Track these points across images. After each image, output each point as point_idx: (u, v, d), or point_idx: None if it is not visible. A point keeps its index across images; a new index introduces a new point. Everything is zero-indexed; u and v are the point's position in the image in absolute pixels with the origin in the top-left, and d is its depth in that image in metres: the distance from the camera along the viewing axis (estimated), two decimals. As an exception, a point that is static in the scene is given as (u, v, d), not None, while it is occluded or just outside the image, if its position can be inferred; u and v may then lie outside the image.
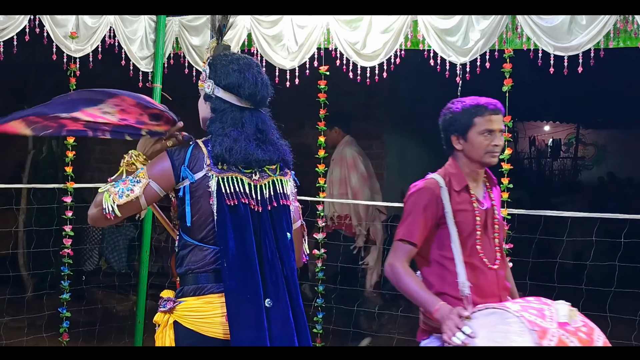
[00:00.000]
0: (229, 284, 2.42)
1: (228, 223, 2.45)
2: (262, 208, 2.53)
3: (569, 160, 15.37)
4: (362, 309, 6.43)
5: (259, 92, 2.64)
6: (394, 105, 7.39)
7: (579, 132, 14.99)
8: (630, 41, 3.83)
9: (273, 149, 2.61)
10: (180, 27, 4.98)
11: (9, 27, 4.10)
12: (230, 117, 2.59)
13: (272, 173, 2.61)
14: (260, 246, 2.49)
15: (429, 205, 2.88)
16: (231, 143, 2.52)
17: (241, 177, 2.52)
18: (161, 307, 2.55)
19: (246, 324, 2.42)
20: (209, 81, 2.65)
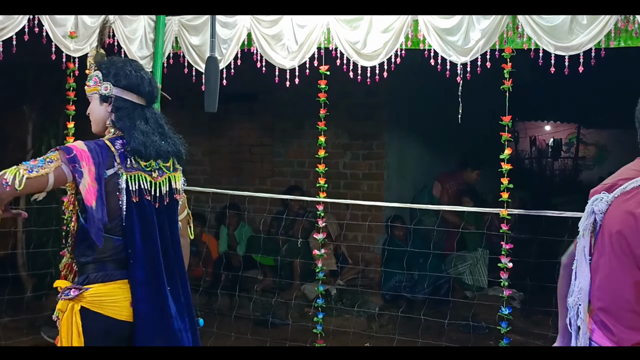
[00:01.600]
0: (137, 275, 2.67)
1: (135, 218, 2.68)
2: (159, 204, 2.77)
3: (570, 160, 15.35)
4: (362, 309, 6.44)
5: (154, 91, 2.84)
6: (394, 105, 7.37)
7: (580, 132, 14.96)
8: (631, 41, 3.83)
9: (172, 142, 2.83)
10: (180, 26, 4.97)
11: (8, 26, 4.09)
12: (135, 113, 2.76)
13: (168, 170, 2.84)
14: (159, 238, 2.74)
15: None
16: (144, 138, 2.72)
17: (145, 175, 2.74)
18: (64, 295, 2.69)
19: (152, 312, 2.68)
20: (105, 83, 2.78)
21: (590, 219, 2.20)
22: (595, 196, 2.22)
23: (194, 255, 7.25)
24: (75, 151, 2.61)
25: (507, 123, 4.25)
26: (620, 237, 2.09)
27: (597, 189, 2.26)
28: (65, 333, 2.66)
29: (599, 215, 2.18)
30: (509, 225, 4.29)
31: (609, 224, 2.14)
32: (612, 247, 2.12)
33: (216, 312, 6.39)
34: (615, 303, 2.12)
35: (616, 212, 2.12)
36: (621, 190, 2.13)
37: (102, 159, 2.65)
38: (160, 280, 2.71)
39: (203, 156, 8.36)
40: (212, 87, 4.30)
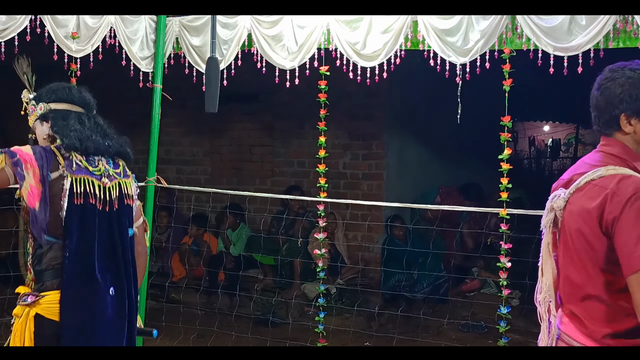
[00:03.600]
0: (67, 272, 2.69)
1: (75, 221, 2.71)
2: (109, 208, 2.82)
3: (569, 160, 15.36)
4: (362, 309, 6.45)
5: (86, 97, 2.94)
6: (394, 105, 7.40)
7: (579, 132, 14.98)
8: (630, 41, 3.84)
9: (115, 142, 2.90)
10: (181, 27, 4.98)
11: (10, 27, 4.10)
12: (70, 117, 2.85)
13: (118, 176, 2.90)
14: (105, 241, 2.78)
15: None
16: (79, 134, 2.79)
17: (92, 179, 2.79)
18: (22, 301, 2.75)
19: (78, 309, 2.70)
20: (39, 105, 2.90)
21: (551, 216, 2.22)
22: (554, 193, 2.24)
23: (194, 254, 7.29)
24: (18, 155, 2.66)
25: (506, 123, 4.27)
26: (579, 235, 2.11)
27: (556, 185, 2.28)
28: (19, 337, 2.71)
29: (558, 212, 2.19)
30: (508, 225, 4.31)
31: (568, 221, 2.16)
32: (574, 245, 2.14)
33: (217, 311, 6.41)
34: (583, 297, 2.14)
35: (573, 210, 2.14)
36: (575, 186, 2.14)
37: (46, 161, 2.70)
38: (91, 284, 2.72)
39: (203, 156, 8.38)
40: (213, 88, 4.32)
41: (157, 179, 5.08)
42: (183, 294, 6.67)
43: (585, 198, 2.09)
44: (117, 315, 2.80)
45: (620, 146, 2.15)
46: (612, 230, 2.00)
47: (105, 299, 2.76)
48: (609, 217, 2.01)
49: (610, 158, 2.14)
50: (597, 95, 2.21)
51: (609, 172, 2.07)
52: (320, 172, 4.89)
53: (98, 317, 2.74)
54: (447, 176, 8.21)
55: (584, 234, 2.09)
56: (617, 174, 2.06)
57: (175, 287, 6.95)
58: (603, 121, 2.19)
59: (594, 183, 2.09)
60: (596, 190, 2.07)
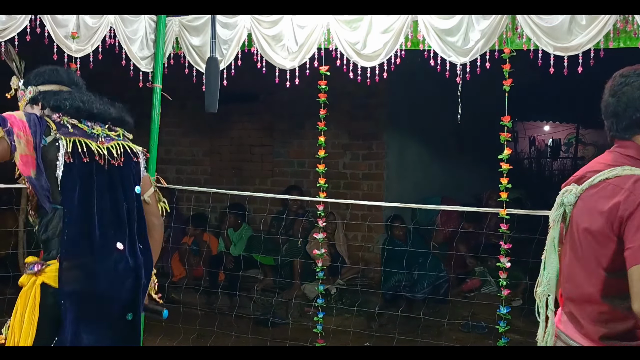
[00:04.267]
0: (66, 235, 2.68)
1: (71, 181, 2.71)
2: (109, 166, 2.82)
3: (569, 160, 15.37)
4: (362, 309, 6.45)
5: (74, 77, 2.99)
6: (394, 105, 7.40)
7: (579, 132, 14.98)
8: (630, 41, 3.84)
9: (111, 107, 2.94)
10: (181, 27, 4.98)
11: (10, 27, 4.10)
12: (61, 92, 2.86)
13: (118, 138, 2.92)
14: (107, 199, 2.78)
15: None
16: (71, 101, 2.81)
17: (88, 141, 2.80)
18: (28, 270, 2.76)
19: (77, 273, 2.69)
20: (28, 88, 2.91)
21: (560, 210, 2.21)
22: (565, 188, 2.23)
23: (194, 254, 7.29)
24: (10, 123, 2.66)
25: (506, 123, 4.27)
26: (586, 232, 2.10)
27: (568, 181, 2.28)
28: (22, 305, 2.74)
29: (568, 207, 2.19)
30: (508, 225, 4.31)
31: (577, 218, 2.15)
32: (581, 242, 2.13)
33: (216, 311, 6.41)
34: (581, 296, 2.13)
35: (584, 207, 2.13)
36: (589, 183, 2.13)
37: (39, 127, 2.71)
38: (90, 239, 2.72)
39: (203, 156, 8.38)
40: (213, 88, 4.31)
41: (157, 179, 5.08)
42: (183, 294, 6.67)
43: (599, 196, 2.09)
44: (125, 269, 2.78)
45: (637, 148, 2.16)
46: (623, 227, 1.99)
47: (111, 255, 2.75)
48: (623, 214, 2.00)
49: (627, 159, 2.14)
50: (613, 102, 2.19)
51: (625, 172, 2.07)
52: (320, 172, 4.89)
53: (104, 276, 2.72)
54: (447, 176, 8.22)
55: (592, 232, 2.08)
56: (633, 174, 2.06)
57: (175, 287, 6.94)
58: (622, 126, 2.18)
59: (610, 182, 2.08)
60: (611, 188, 2.06)
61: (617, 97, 2.17)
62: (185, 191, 6.88)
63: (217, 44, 4.48)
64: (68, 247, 2.69)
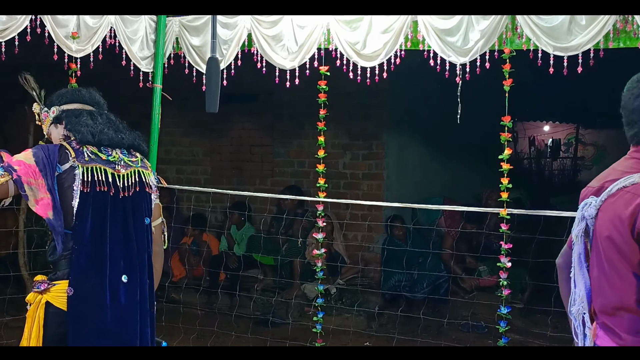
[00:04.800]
0: (79, 261, 2.72)
1: (85, 209, 2.74)
2: (124, 195, 2.84)
3: (569, 160, 15.37)
4: (362, 309, 6.46)
5: (95, 96, 3.03)
6: (394, 105, 7.40)
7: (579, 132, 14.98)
8: (630, 41, 3.84)
9: (127, 136, 2.95)
10: (181, 27, 4.98)
11: (10, 27, 4.10)
12: (82, 114, 2.91)
13: (135, 165, 2.94)
14: (119, 229, 2.80)
15: None
16: (91, 128, 2.84)
17: (104, 167, 2.82)
18: (35, 288, 2.79)
19: (85, 300, 2.72)
20: (52, 109, 2.97)
21: (582, 225, 2.18)
22: (585, 201, 2.20)
23: (194, 254, 7.29)
24: (19, 171, 2.68)
25: (506, 123, 4.27)
26: (610, 242, 2.07)
27: (586, 193, 2.25)
28: (29, 323, 2.79)
29: (590, 221, 2.15)
30: (508, 225, 4.31)
31: (600, 229, 2.12)
32: (606, 253, 2.10)
33: (216, 311, 6.41)
34: (616, 308, 2.10)
35: (605, 217, 2.10)
36: (607, 194, 2.10)
37: (49, 165, 2.73)
38: (101, 271, 2.74)
39: (204, 156, 8.38)
40: (213, 88, 4.32)
41: (157, 179, 5.08)
42: (183, 294, 6.67)
43: (617, 205, 2.06)
44: (131, 302, 2.81)
45: None
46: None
47: (118, 287, 2.77)
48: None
49: None
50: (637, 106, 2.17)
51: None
52: (320, 172, 4.89)
53: (108, 306, 2.75)
54: (447, 176, 8.22)
55: (615, 241, 2.05)
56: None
57: (175, 287, 6.94)
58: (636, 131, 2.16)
59: (627, 190, 2.05)
60: (629, 196, 2.03)
61: (624, 102, 2.17)
62: (185, 191, 6.89)
63: (217, 44, 4.48)
64: (77, 275, 2.72)
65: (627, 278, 2.05)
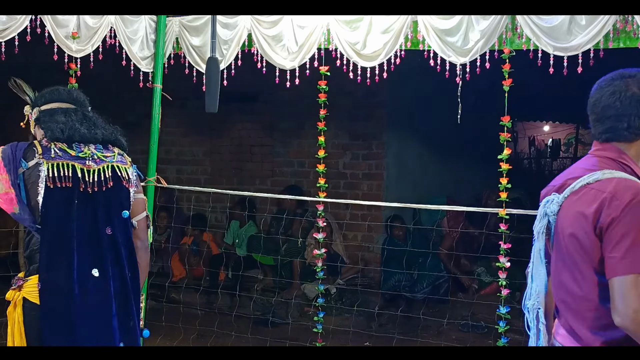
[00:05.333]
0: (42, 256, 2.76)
1: (51, 205, 2.77)
2: (95, 189, 2.84)
3: (569, 160, 15.35)
4: (362, 309, 6.46)
5: (74, 94, 3.03)
6: (394, 105, 7.40)
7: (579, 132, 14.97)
8: (630, 41, 3.84)
9: (102, 131, 2.95)
10: (181, 27, 4.98)
11: (10, 27, 4.10)
12: (56, 113, 2.94)
13: (109, 159, 2.93)
14: (87, 223, 2.82)
15: None
16: (62, 125, 2.87)
17: (72, 163, 2.83)
18: (13, 285, 2.85)
19: (54, 293, 2.75)
20: (33, 111, 3.02)
21: (544, 222, 2.19)
22: (547, 198, 2.21)
23: (194, 254, 7.29)
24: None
25: (506, 123, 4.27)
26: (572, 239, 2.08)
27: (547, 190, 2.25)
28: (11, 321, 2.82)
29: (552, 217, 2.17)
30: (507, 225, 4.31)
31: (562, 225, 2.13)
32: (568, 250, 2.11)
33: (216, 311, 6.41)
34: (577, 304, 2.10)
35: (568, 214, 2.11)
36: (570, 190, 2.11)
37: (13, 160, 2.79)
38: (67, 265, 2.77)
39: (204, 156, 8.39)
40: (213, 88, 4.32)
41: (157, 179, 5.09)
42: (183, 294, 6.67)
43: (581, 202, 2.07)
44: (103, 296, 2.82)
45: (615, 150, 2.14)
46: (605, 232, 1.98)
47: (87, 281, 2.79)
48: (606, 220, 1.98)
49: (606, 162, 2.12)
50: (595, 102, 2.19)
51: (606, 175, 2.06)
52: (320, 172, 4.90)
53: (77, 300, 2.77)
54: (447, 176, 8.22)
55: (578, 237, 2.06)
56: (613, 177, 2.04)
57: (175, 287, 6.95)
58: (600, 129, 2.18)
59: (591, 187, 2.06)
60: (592, 193, 2.05)
61: (596, 99, 2.18)
62: (185, 191, 6.89)
63: (217, 44, 4.48)
64: (43, 269, 2.76)
65: (589, 275, 2.06)
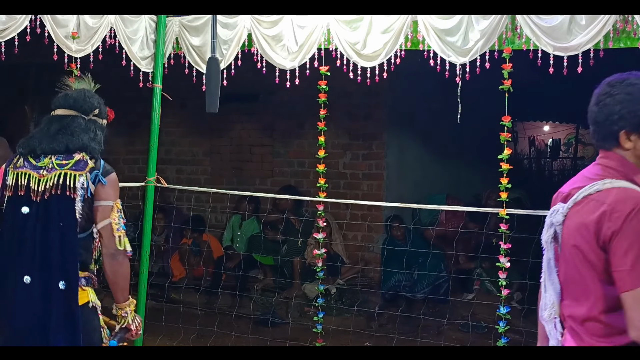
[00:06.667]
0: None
1: (7, 211, 2.94)
2: (40, 198, 2.91)
3: (569, 160, 15.36)
4: (362, 309, 6.46)
5: (68, 99, 3.08)
6: (394, 105, 7.40)
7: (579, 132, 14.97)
8: (630, 41, 3.84)
9: (63, 141, 2.97)
10: (181, 27, 4.98)
11: (10, 27, 4.10)
12: (44, 122, 3.08)
13: (61, 167, 2.94)
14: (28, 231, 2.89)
15: None
16: (26, 139, 3.02)
17: (30, 172, 2.94)
18: None
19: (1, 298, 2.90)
20: None
21: (551, 231, 2.20)
22: (553, 208, 2.22)
23: (195, 255, 7.29)
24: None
25: (506, 123, 4.27)
26: (576, 250, 2.10)
27: (555, 198, 2.26)
28: None
29: (557, 227, 2.18)
30: (507, 225, 4.31)
31: (566, 236, 2.15)
32: (573, 260, 2.12)
33: (217, 311, 6.41)
34: (582, 313, 2.11)
35: (571, 224, 2.13)
36: (573, 201, 2.13)
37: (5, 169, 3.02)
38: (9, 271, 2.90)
39: (204, 156, 8.38)
40: (213, 88, 4.32)
41: (157, 179, 5.09)
42: (183, 294, 6.67)
43: (583, 212, 2.08)
44: (36, 303, 2.87)
45: (619, 159, 2.14)
46: (609, 245, 2.00)
47: (19, 286, 2.87)
48: (607, 232, 1.99)
49: (608, 171, 2.12)
50: (595, 111, 2.18)
51: (606, 185, 2.07)
52: (320, 172, 4.90)
53: (12, 303, 2.89)
54: (447, 176, 8.22)
55: (581, 248, 2.08)
56: (613, 187, 2.05)
57: (175, 287, 6.94)
58: (601, 136, 2.17)
59: (592, 197, 2.08)
60: (593, 204, 2.06)
61: (599, 107, 2.16)
62: (185, 191, 6.89)
63: (217, 44, 4.48)
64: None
65: (594, 284, 2.07)
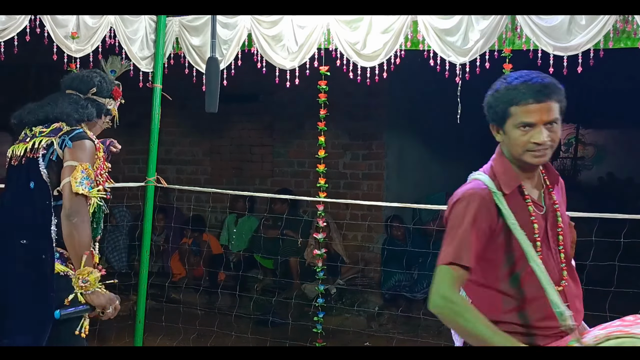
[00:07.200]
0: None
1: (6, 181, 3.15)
2: (18, 163, 3.08)
3: (569, 160, 15.39)
4: (362, 309, 6.46)
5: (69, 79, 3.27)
6: (394, 105, 7.40)
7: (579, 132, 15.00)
8: (630, 41, 3.84)
9: (44, 111, 3.12)
10: (181, 27, 4.98)
11: (9, 27, 4.10)
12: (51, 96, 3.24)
13: (39, 135, 3.08)
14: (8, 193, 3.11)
15: (478, 216, 2.20)
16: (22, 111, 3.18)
17: (20, 144, 3.11)
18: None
19: None
20: None
21: None
22: None
23: (195, 255, 7.29)
24: None
25: (506, 123, 4.26)
26: None
27: None
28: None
29: None
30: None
31: None
32: None
33: (217, 311, 6.41)
34: None
35: None
36: None
37: None
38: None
39: (204, 156, 8.38)
40: (213, 88, 4.31)
41: (157, 179, 5.09)
42: (183, 294, 6.67)
43: None
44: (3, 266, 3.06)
45: (498, 151, 2.37)
46: None
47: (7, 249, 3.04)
48: None
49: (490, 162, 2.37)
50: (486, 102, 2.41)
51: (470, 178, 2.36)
52: (320, 172, 4.90)
53: None
54: (447, 176, 8.21)
55: None
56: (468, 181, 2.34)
57: (175, 287, 6.94)
58: None
59: None
60: None
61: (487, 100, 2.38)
62: (185, 191, 6.89)
63: (217, 44, 4.48)
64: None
65: None
